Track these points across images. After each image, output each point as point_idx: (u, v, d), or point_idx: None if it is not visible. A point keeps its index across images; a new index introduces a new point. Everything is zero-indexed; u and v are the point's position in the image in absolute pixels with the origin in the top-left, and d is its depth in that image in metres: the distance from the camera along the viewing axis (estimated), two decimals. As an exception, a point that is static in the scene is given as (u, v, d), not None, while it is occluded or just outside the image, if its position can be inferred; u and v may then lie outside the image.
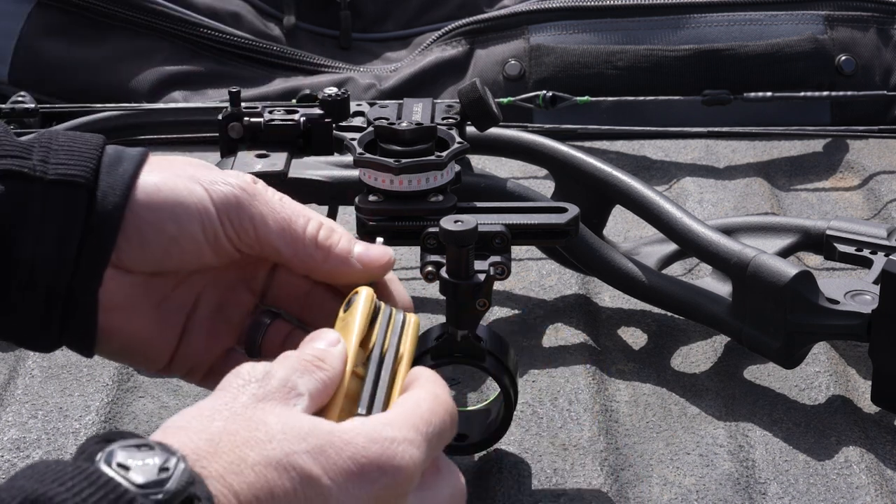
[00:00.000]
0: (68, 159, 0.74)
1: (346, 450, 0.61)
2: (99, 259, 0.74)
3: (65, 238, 0.73)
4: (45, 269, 0.73)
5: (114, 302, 0.75)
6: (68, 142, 0.75)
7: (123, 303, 0.75)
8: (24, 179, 0.73)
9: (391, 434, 0.63)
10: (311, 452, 0.60)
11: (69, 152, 0.75)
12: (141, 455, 0.55)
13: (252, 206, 0.75)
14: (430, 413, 0.65)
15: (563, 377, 0.97)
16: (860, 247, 1.01)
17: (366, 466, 0.61)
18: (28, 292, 0.74)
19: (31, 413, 0.93)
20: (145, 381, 0.97)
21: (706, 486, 0.87)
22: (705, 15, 1.41)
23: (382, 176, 0.88)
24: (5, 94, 1.32)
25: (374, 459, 0.61)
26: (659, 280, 0.99)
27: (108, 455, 0.55)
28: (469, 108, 0.94)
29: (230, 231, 0.75)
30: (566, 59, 1.38)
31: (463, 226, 0.78)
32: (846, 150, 1.30)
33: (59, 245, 0.73)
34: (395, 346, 0.71)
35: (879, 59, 1.40)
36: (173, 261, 0.75)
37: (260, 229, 0.75)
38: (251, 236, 0.75)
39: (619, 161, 1.27)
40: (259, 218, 0.75)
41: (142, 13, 1.42)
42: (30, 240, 0.73)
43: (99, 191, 0.73)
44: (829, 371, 0.97)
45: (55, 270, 0.73)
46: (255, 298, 0.80)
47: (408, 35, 1.53)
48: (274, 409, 0.62)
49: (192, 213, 0.74)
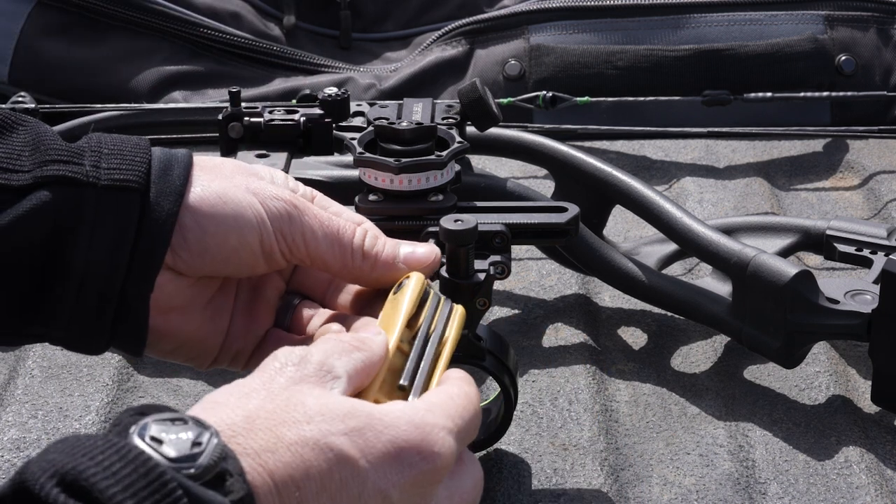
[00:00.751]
0: (120, 164, 0.75)
1: (386, 433, 0.61)
2: (152, 264, 0.74)
3: (118, 244, 0.74)
4: (97, 275, 0.74)
5: (170, 304, 0.76)
6: (118, 145, 0.76)
7: (179, 304, 0.76)
8: (77, 185, 0.74)
9: (432, 420, 0.63)
10: (349, 434, 0.60)
11: (120, 157, 0.75)
12: (175, 429, 0.55)
13: (303, 222, 0.76)
14: (462, 408, 0.66)
15: (563, 377, 0.97)
16: (860, 247, 1.01)
17: (405, 451, 0.61)
18: (80, 298, 0.74)
19: (31, 413, 0.93)
20: (145, 381, 0.97)
21: (706, 486, 0.87)
22: (705, 15, 1.41)
23: (382, 175, 0.88)
24: (5, 94, 1.32)
25: (414, 444, 0.61)
26: (659, 280, 0.99)
27: (141, 428, 0.55)
28: (469, 108, 0.94)
29: (283, 245, 0.76)
30: (566, 59, 1.38)
31: (463, 225, 0.79)
32: (846, 150, 1.30)
33: (112, 251, 0.73)
34: (441, 330, 0.72)
35: (879, 59, 1.40)
36: (229, 268, 0.77)
37: (310, 244, 0.77)
38: (302, 251, 0.77)
39: (619, 161, 1.27)
40: (310, 233, 0.77)
41: (142, 13, 1.42)
42: (83, 246, 0.73)
43: (151, 196, 0.74)
44: (829, 371, 0.97)
45: (108, 276, 0.74)
46: (284, 283, 0.82)
47: (408, 35, 1.53)
48: (312, 390, 0.62)
49: (253, 226, 0.75)
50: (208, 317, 0.79)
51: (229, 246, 0.75)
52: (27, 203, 0.73)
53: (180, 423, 0.56)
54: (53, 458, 0.53)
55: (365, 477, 0.60)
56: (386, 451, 0.61)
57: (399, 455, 0.61)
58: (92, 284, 0.74)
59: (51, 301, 0.75)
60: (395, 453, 0.61)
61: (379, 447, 0.61)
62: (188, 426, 0.56)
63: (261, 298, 0.81)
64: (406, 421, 0.62)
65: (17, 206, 0.73)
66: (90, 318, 0.75)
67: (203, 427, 0.56)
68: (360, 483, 0.60)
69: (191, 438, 0.55)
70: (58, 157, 0.74)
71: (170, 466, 0.54)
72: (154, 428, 0.55)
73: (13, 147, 0.75)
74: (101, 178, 0.74)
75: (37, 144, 0.75)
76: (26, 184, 0.73)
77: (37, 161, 0.74)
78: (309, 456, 0.59)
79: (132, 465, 0.53)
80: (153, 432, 0.55)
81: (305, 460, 0.59)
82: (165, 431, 0.55)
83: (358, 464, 0.60)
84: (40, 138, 0.75)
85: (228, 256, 0.76)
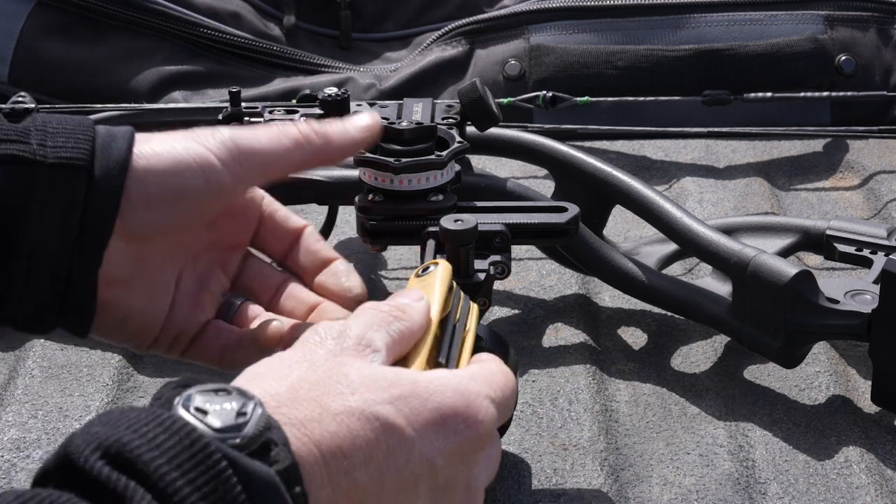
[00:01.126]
0: (65, 142, 0.75)
1: (432, 400, 0.61)
2: (99, 240, 0.75)
3: (67, 222, 0.74)
4: (48, 254, 0.74)
5: (115, 276, 0.76)
6: (62, 124, 0.76)
7: (124, 277, 0.76)
8: (26, 164, 0.74)
9: (476, 388, 0.63)
10: (394, 403, 0.60)
11: (65, 135, 0.76)
12: (219, 399, 0.55)
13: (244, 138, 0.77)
14: (502, 382, 0.65)
15: (563, 377, 0.97)
16: (860, 247, 1.01)
17: (450, 418, 0.61)
18: (31, 277, 0.74)
19: (31, 413, 0.93)
20: (145, 381, 0.97)
21: (706, 486, 0.87)
22: (705, 15, 1.41)
23: (382, 175, 0.88)
24: (5, 94, 1.32)
25: (460, 412, 0.61)
26: (659, 280, 0.99)
27: (185, 399, 0.55)
28: (469, 108, 0.94)
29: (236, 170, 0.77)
30: (566, 59, 1.38)
31: (463, 225, 0.79)
32: (846, 150, 1.29)
33: (62, 229, 0.74)
34: (464, 321, 0.71)
35: (879, 59, 1.40)
36: (179, 216, 0.77)
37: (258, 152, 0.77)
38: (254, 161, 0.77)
39: (619, 161, 1.27)
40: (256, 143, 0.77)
41: (142, 13, 1.42)
42: (34, 225, 0.74)
43: (96, 171, 0.74)
44: (829, 371, 0.97)
45: (58, 255, 0.74)
46: (228, 283, 0.82)
47: (408, 35, 1.53)
48: (353, 362, 0.62)
49: (193, 166, 0.76)
50: (150, 293, 0.78)
51: (172, 191, 0.76)
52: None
53: (224, 393, 0.56)
54: (97, 431, 0.52)
55: (412, 445, 0.59)
56: (431, 419, 0.60)
57: (444, 422, 0.61)
58: (43, 264, 0.74)
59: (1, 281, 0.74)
60: (440, 420, 0.60)
61: (424, 415, 0.60)
62: (232, 396, 0.55)
63: (205, 289, 0.81)
64: (451, 388, 0.62)
65: None
66: (40, 298, 0.74)
67: (247, 397, 0.56)
68: (406, 451, 0.59)
69: (235, 408, 0.55)
70: (5, 137, 0.75)
71: (214, 437, 0.53)
72: (198, 398, 0.55)
73: None
74: (48, 156, 0.74)
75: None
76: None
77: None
78: (355, 426, 0.58)
79: (176, 437, 0.53)
80: (198, 403, 0.55)
81: (352, 430, 0.58)
82: (209, 402, 0.55)
83: (404, 432, 0.59)
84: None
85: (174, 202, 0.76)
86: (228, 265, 0.82)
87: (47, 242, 0.74)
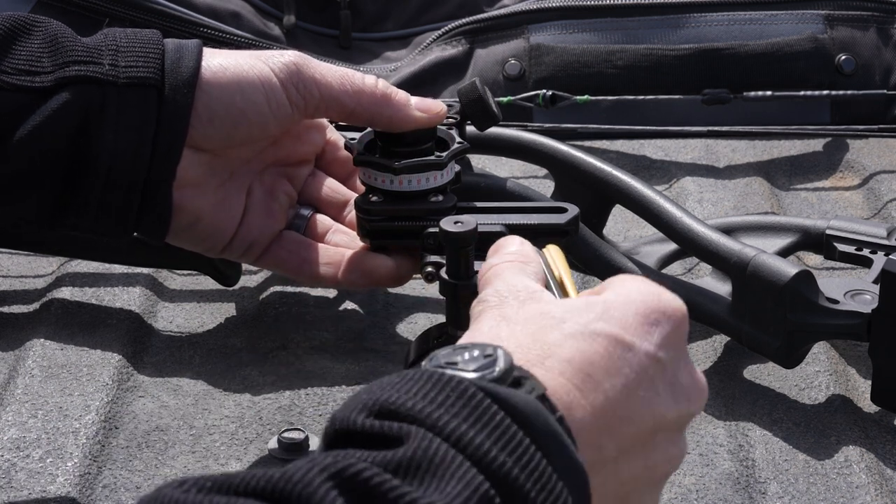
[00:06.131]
0: (135, 61, 0.80)
1: (630, 306, 0.62)
2: (173, 154, 0.80)
3: (141, 138, 0.79)
4: (123, 169, 0.79)
5: (185, 179, 0.81)
6: (131, 41, 0.82)
7: (194, 180, 0.82)
8: (98, 84, 0.79)
9: (653, 287, 0.64)
10: (602, 319, 0.61)
11: (134, 53, 0.81)
12: (461, 351, 0.56)
13: (311, 69, 0.82)
14: None
15: (563, 377, 0.97)
16: (860, 246, 1.01)
17: (651, 315, 0.62)
18: (107, 190, 0.80)
19: (31, 413, 0.93)
20: (145, 381, 0.97)
21: (706, 486, 0.87)
22: (705, 14, 1.41)
23: (382, 176, 0.88)
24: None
25: (655, 307, 0.62)
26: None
27: (431, 360, 0.56)
28: (469, 108, 0.94)
29: (295, 96, 0.82)
30: (566, 59, 1.38)
31: (463, 227, 0.78)
32: (846, 149, 1.29)
33: (135, 145, 0.79)
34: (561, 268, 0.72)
35: (879, 59, 1.40)
36: (241, 132, 0.82)
37: (322, 87, 0.82)
38: (315, 95, 0.82)
39: (619, 161, 1.27)
40: (320, 77, 0.82)
41: (142, 12, 1.42)
42: (109, 141, 0.79)
43: (167, 88, 0.80)
44: (829, 371, 0.98)
45: (133, 169, 0.79)
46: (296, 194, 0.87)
47: (408, 35, 1.53)
48: (540, 304, 0.63)
49: (256, 84, 0.81)
50: (221, 198, 0.84)
51: (236, 107, 0.81)
52: (52, 104, 0.78)
53: (461, 348, 0.57)
54: (352, 401, 0.53)
55: (637, 348, 0.60)
56: (638, 322, 0.61)
57: (648, 321, 0.62)
58: (118, 177, 0.79)
59: (81, 195, 0.80)
60: (644, 320, 0.62)
61: (630, 320, 0.61)
62: (471, 347, 0.57)
63: (274, 200, 0.86)
64: (636, 291, 0.63)
65: (43, 108, 0.78)
66: (118, 208, 0.80)
67: (485, 346, 0.57)
68: (634, 355, 0.60)
69: (480, 353, 0.56)
70: (77, 58, 0.80)
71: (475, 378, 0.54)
72: (443, 355, 0.56)
73: (32, 50, 0.80)
74: (119, 76, 0.79)
75: (55, 45, 0.81)
76: (49, 85, 0.79)
77: (57, 62, 0.80)
78: (583, 346, 0.59)
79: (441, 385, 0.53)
80: (444, 359, 0.56)
81: (583, 350, 0.59)
82: (455, 355, 0.56)
83: (625, 339, 0.60)
84: (58, 39, 0.81)
85: (237, 119, 0.81)
86: (295, 179, 0.88)
87: (122, 158, 0.79)
